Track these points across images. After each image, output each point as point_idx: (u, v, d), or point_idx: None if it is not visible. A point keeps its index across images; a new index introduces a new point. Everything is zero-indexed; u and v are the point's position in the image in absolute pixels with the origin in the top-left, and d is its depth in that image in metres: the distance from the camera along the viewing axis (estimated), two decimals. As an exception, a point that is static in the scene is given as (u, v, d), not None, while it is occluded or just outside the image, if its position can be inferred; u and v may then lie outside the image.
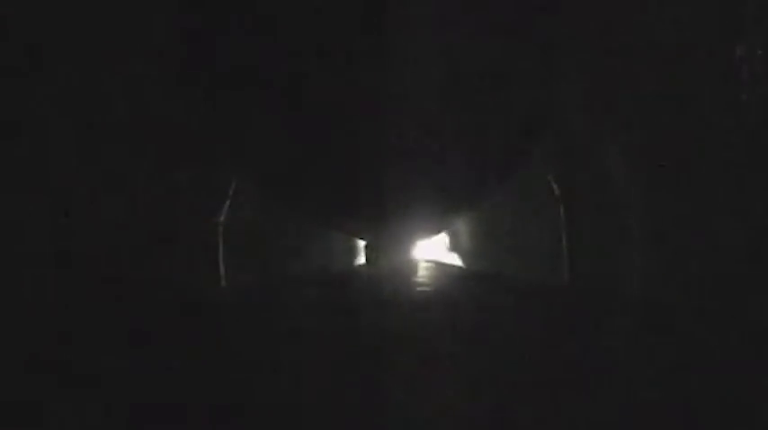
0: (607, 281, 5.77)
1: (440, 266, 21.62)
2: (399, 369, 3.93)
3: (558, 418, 2.84)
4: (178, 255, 5.63)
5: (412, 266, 23.55)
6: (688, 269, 4.31)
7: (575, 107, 5.47)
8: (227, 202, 6.62)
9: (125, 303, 4.50)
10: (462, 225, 17.60)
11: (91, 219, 4.10)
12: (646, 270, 4.95)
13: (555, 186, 6.99)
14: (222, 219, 6.59)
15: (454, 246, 20.18)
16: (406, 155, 8.70)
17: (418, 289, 11.90)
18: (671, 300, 4.68)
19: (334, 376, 3.90)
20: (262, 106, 5.95)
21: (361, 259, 23.96)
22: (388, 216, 16.15)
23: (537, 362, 3.95)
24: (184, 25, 4.29)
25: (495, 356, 4.25)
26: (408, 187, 11.07)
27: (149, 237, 5.00)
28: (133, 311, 4.68)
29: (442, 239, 23.04)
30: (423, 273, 17.52)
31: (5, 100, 3.31)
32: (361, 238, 23.26)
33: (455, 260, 19.81)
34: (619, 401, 3.01)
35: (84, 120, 3.93)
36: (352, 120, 7.14)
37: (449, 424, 2.90)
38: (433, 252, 27.41)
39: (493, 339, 4.76)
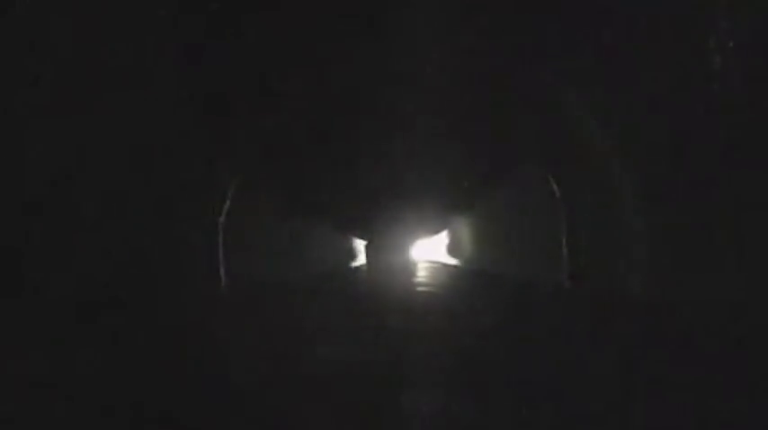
0: (609, 281, 5.77)
1: (439, 266, 21.58)
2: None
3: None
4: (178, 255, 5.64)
5: (412, 266, 23.54)
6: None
7: (572, 106, 5.48)
8: (228, 203, 6.62)
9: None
10: (462, 225, 17.63)
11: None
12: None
13: (555, 186, 6.99)
14: (222, 219, 6.59)
15: (454, 246, 20.21)
16: (406, 155, 8.72)
17: (418, 289, 11.91)
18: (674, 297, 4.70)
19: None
20: (263, 107, 5.95)
21: (362, 259, 23.95)
22: (388, 216, 16.14)
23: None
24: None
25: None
26: (408, 188, 11.09)
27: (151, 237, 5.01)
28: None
29: (442, 239, 23.04)
30: (422, 273, 17.54)
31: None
32: (362, 238, 23.24)
33: (454, 260, 19.84)
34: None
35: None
36: (353, 121, 7.15)
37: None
38: (432, 252, 27.31)
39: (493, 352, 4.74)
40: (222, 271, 6.50)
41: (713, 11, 3.39)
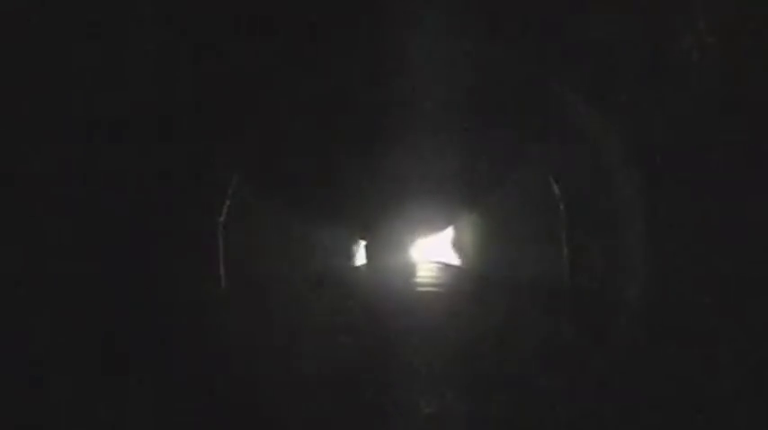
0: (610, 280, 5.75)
1: (440, 266, 21.56)
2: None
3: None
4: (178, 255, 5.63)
5: (412, 266, 23.60)
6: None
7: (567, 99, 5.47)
8: (228, 202, 6.60)
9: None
10: (463, 224, 17.62)
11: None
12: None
13: (555, 186, 6.98)
14: (222, 218, 6.58)
15: (454, 246, 20.21)
16: (407, 155, 8.70)
17: (418, 289, 11.92)
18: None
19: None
20: (263, 106, 5.94)
21: (362, 259, 24.02)
22: (388, 216, 16.17)
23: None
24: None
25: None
26: (409, 187, 11.08)
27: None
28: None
29: (442, 239, 23.06)
30: (423, 272, 17.54)
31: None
32: (362, 238, 23.32)
33: (455, 260, 19.85)
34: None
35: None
36: (354, 120, 7.14)
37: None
38: (433, 252, 27.30)
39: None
40: (222, 271, 6.49)
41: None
